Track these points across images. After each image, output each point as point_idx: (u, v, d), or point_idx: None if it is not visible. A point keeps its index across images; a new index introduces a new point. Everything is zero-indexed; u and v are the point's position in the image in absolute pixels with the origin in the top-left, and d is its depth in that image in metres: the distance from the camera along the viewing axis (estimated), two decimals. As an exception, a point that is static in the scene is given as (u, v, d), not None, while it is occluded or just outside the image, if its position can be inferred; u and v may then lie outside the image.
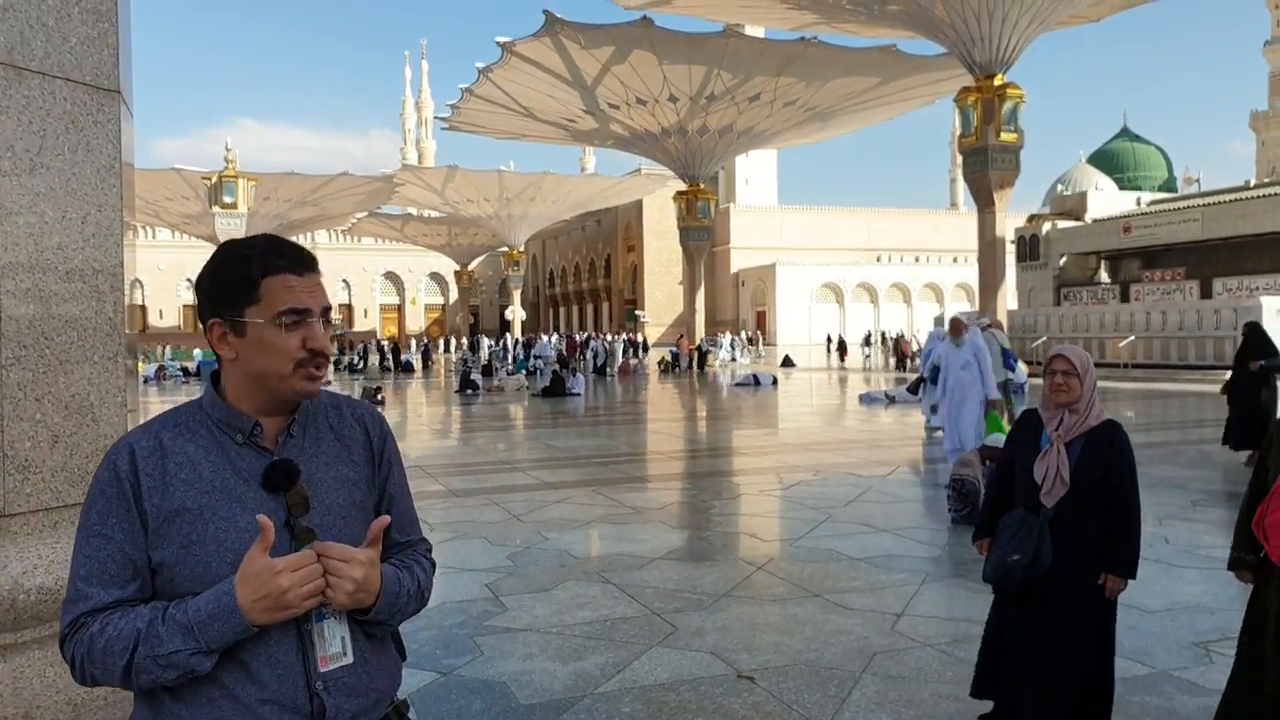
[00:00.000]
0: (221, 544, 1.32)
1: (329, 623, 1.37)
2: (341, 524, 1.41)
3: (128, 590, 1.33)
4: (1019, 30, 26.15)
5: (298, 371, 1.37)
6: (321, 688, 1.35)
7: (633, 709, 3.73)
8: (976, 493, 7.08)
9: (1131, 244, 36.06)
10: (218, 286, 1.39)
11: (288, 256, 1.40)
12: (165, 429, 1.39)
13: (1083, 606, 3.16)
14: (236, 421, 1.39)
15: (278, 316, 1.36)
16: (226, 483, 1.35)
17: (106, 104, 2.62)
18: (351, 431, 1.50)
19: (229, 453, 1.37)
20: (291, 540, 1.35)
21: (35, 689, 2.37)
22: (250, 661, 1.32)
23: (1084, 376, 3.17)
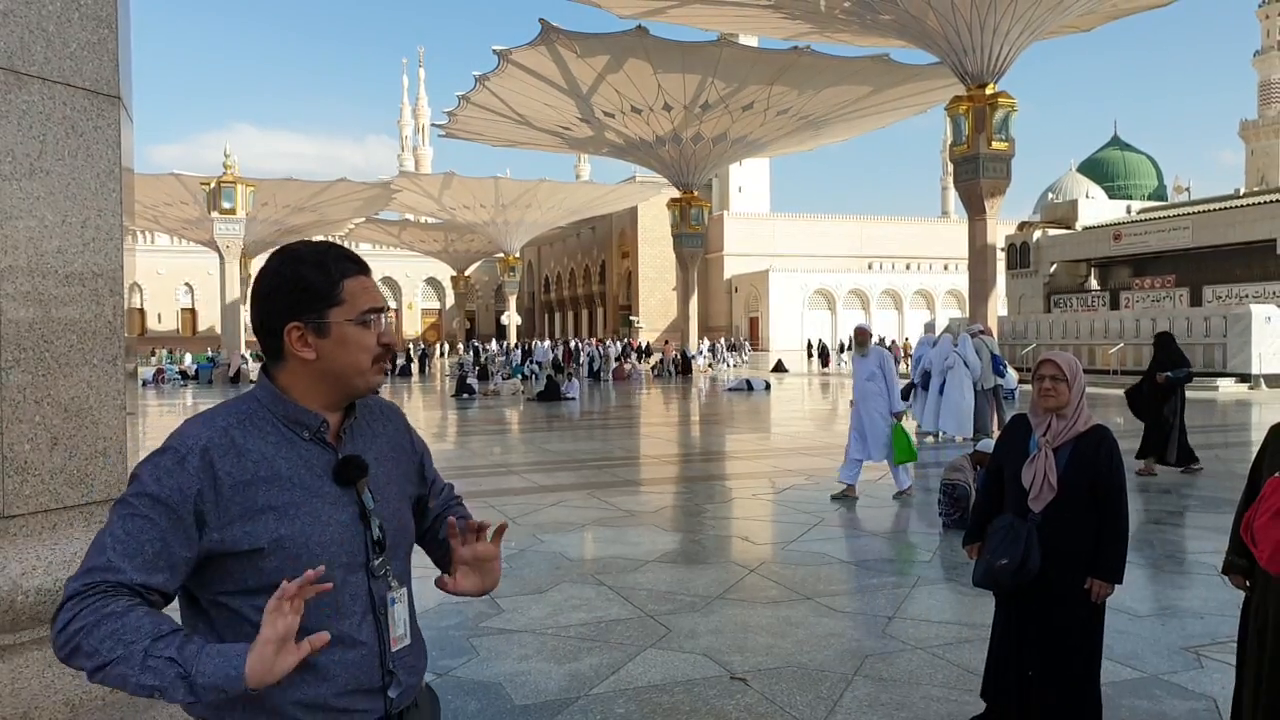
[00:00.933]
0: (310, 537, 1.37)
1: (397, 607, 1.46)
2: (395, 513, 1.50)
3: (155, 578, 1.30)
4: (1010, 40, 26.31)
5: (374, 366, 1.46)
6: (393, 665, 1.45)
7: (626, 710, 3.75)
8: (967, 497, 7.12)
9: (1121, 251, 36.26)
10: (301, 291, 1.42)
11: (355, 261, 1.49)
12: (232, 425, 1.40)
13: (1071, 611, 3.19)
14: (304, 419, 1.43)
15: (363, 314, 1.44)
16: (304, 478, 1.40)
17: (106, 109, 2.64)
18: (384, 427, 1.59)
19: (298, 449, 1.42)
20: (366, 529, 1.43)
21: (33, 690, 2.38)
22: (336, 645, 1.36)
23: (1072, 382, 3.21)
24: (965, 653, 4.37)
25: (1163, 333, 10.51)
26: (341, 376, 1.45)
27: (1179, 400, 9.93)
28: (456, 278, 69.37)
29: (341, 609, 1.40)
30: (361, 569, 1.42)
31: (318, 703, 1.37)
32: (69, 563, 2.42)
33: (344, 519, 1.41)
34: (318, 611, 1.35)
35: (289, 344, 1.42)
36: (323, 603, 1.35)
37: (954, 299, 65.02)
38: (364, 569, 1.42)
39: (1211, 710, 3.73)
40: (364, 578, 1.42)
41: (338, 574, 1.38)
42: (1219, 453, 12.01)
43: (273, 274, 1.45)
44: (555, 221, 62.31)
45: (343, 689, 1.39)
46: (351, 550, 1.41)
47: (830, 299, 66.41)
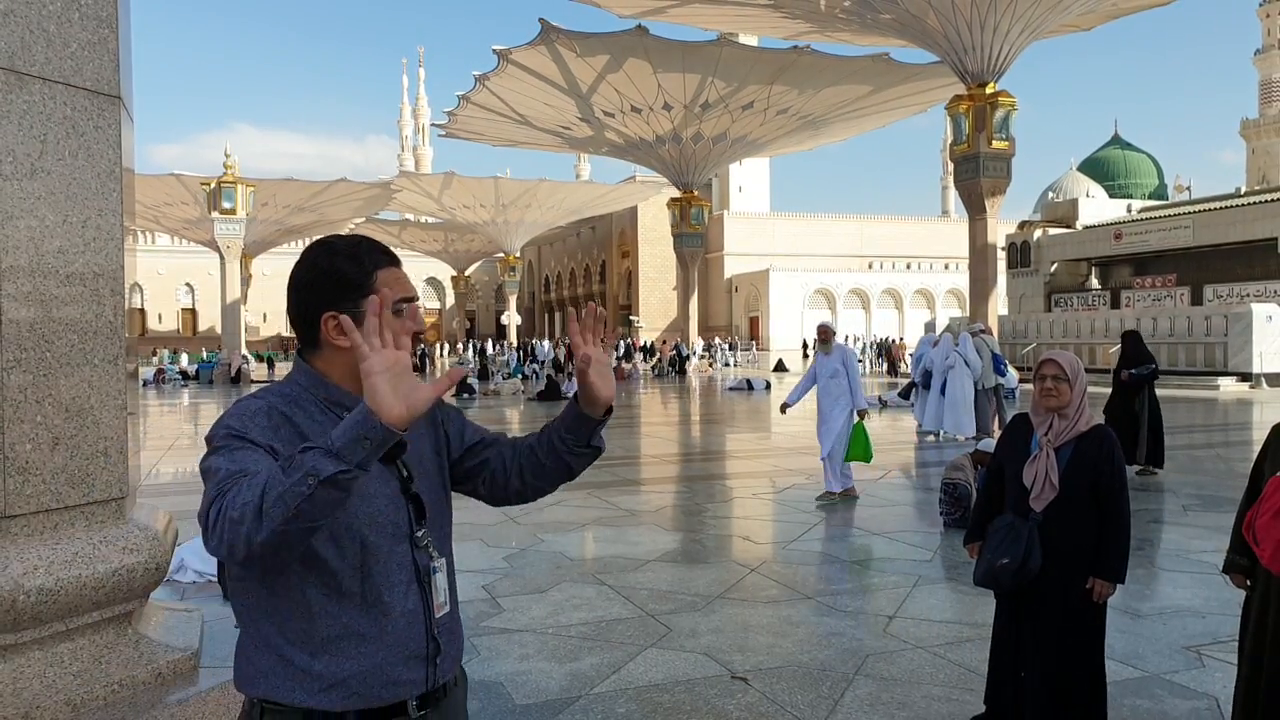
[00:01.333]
0: (359, 509, 1.43)
1: (439, 576, 1.54)
2: (430, 488, 1.58)
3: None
4: (1010, 39, 26.30)
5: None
6: (438, 633, 1.53)
7: (628, 710, 3.75)
8: (968, 496, 7.12)
9: (1122, 251, 36.24)
10: (336, 282, 1.50)
11: (389, 255, 1.56)
12: (281, 403, 1.48)
13: (1072, 610, 3.19)
14: (345, 400, 1.50)
15: (395, 304, 1.47)
16: None
17: (107, 109, 2.64)
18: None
19: None
20: (408, 505, 1.51)
21: (35, 689, 2.38)
22: (388, 611, 1.45)
23: (1074, 382, 3.20)
24: (966, 652, 4.37)
25: (1129, 331, 10.42)
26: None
27: (1147, 398, 9.78)
28: (456, 278, 69.34)
29: (391, 578, 1.47)
30: (405, 540, 1.49)
31: (370, 673, 1.43)
32: (70, 562, 2.42)
33: (387, 492, 1.48)
34: (373, 580, 1.45)
35: (325, 332, 1.50)
36: (375, 571, 1.45)
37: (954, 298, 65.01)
38: (408, 540, 1.50)
39: (1213, 709, 3.73)
40: (408, 548, 1.50)
41: (386, 545, 1.46)
42: (1220, 451, 12.02)
43: (309, 265, 1.52)
44: (555, 221, 62.29)
45: (393, 656, 1.45)
46: (396, 522, 1.49)
47: (831, 298, 66.41)
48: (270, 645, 1.44)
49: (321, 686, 1.42)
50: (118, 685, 2.52)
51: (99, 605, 2.48)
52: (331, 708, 1.42)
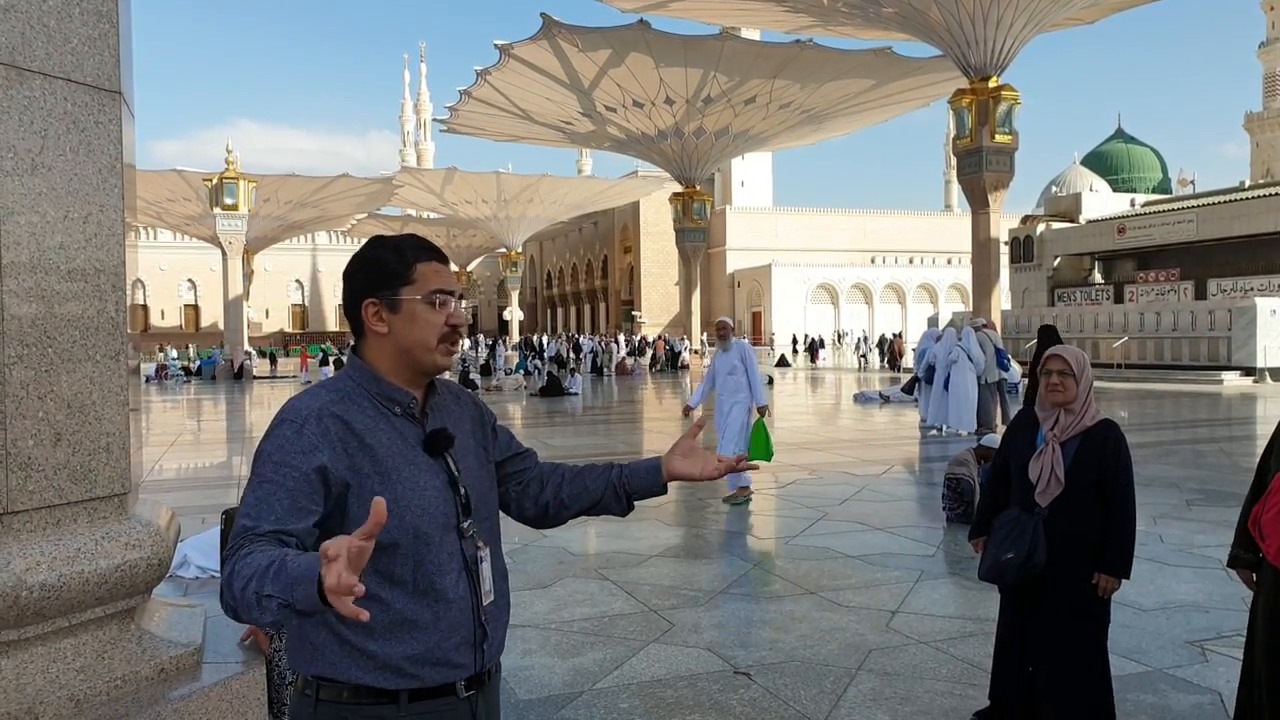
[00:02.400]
0: (411, 500, 1.51)
1: (484, 565, 1.60)
2: (477, 481, 1.65)
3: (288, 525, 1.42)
4: (1013, 32, 26.22)
5: (440, 345, 1.58)
6: (485, 619, 1.59)
7: (630, 705, 3.75)
8: (971, 491, 7.11)
9: (1126, 245, 36.16)
10: (377, 271, 1.58)
11: (433, 250, 1.63)
12: (335, 400, 1.54)
13: (1076, 605, 3.18)
14: (396, 395, 1.57)
15: (430, 295, 1.56)
16: (400, 448, 1.54)
17: (107, 105, 2.63)
18: (458, 407, 1.72)
19: (393, 422, 1.56)
20: (455, 497, 1.57)
21: (38, 685, 2.39)
22: (440, 598, 1.52)
23: (1079, 376, 3.19)
24: (970, 647, 4.36)
25: (1045, 325, 10.19)
26: (411, 352, 1.57)
27: None
28: (458, 273, 69.35)
29: (443, 566, 1.53)
30: (454, 530, 1.56)
31: (424, 656, 1.49)
32: (73, 558, 2.42)
33: (436, 484, 1.55)
34: (425, 569, 1.51)
35: (366, 319, 1.57)
36: (427, 560, 1.51)
37: (957, 293, 64.93)
38: (456, 530, 1.56)
39: (1216, 704, 3.72)
40: (456, 538, 1.56)
41: (437, 534, 1.53)
42: (1223, 446, 12.00)
43: (358, 257, 1.62)
44: (557, 216, 62.28)
45: (445, 641, 1.51)
46: (446, 513, 1.55)
47: (833, 293, 66.35)
48: (327, 624, 1.49)
49: (376, 666, 1.48)
50: (121, 681, 2.53)
51: (102, 601, 2.48)
52: (386, 686, 1.49)
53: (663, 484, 1.78)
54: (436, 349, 1.57)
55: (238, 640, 2.92)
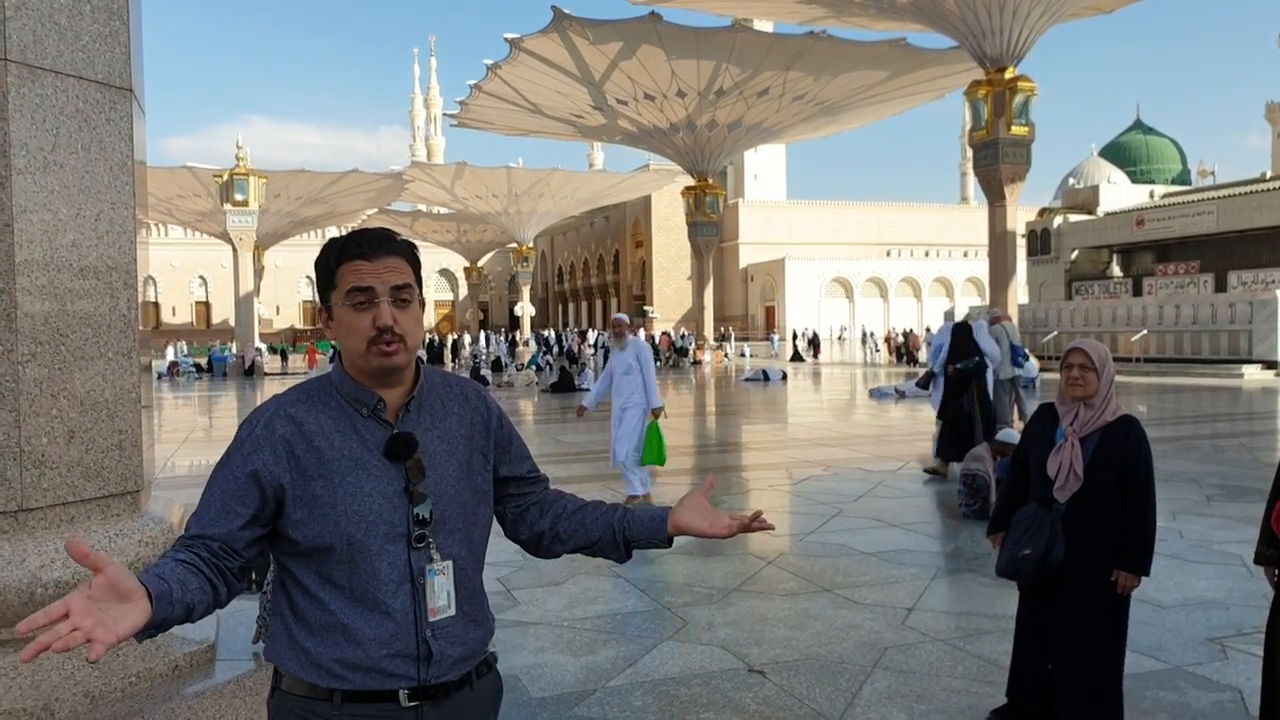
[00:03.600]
0: (349, 506, 1.47)
1: (438, 579, 1.52)
2: (452, 491, 1.56)
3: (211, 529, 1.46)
4: (1030, 22, 25.95)
5: (371, 349, 1.49)
6: (430, 635, 1.50)
7: (644, 702, 3.74)
8: (988, 487, 7.06)
9: (1144, 237, 35.81)
10: (318, 276, 1.56)
11: (360, 243, 1.52)
12: (298, 401, 1.54)
13: (1095, 602, 3.14)
14: (363, 397, 1.52)
15: (346, 298, 1.50)
16: (354, 451, 1.50)
17: (119, 102, 2.63)
18: (459, 408, 1.64)
19: (355, 424, 1.52)
20: (410, 504, 1.50)
21: (54, 682, 2.39)
22: (374, 609, 1.47)
23: (1101, 371, 3.15)
24: (986, 644, 4.32)
25: (959, 322, 10.00)
26: (350, 357, 1.53)
27: (976, 395, 9.20)
28: (469, 269, 69.47)
29: (379, 576, 1.47)
30: (402, 540, 1.49)
31: (355, 662, 1.46)
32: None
33: (387, 491, 1.49)
34: (358, 577, 1.47)
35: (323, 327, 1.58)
36: (362, 568, 1.47)
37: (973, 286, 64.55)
38: (405, 540, 1.49)
39: (1237, 702, 3.68)
40: (404, 548, 1.49)
41: (375, 543, 1.47)
42: (1244, 441, 11.87)
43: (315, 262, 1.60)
44: (568, 211, 62.22)
45: (378, 652, 1.47)
46: (391, 521, 1.48)
47: (848, 287, 66.08)
48: (282, 615, 1.53)
49: (311, 662, 1.47)
50: (135, 677, 2.53)
51: (115, 599, 2.48)
52: (319, 683, 1.47)
53: (666, 537, 1.68)
54: (369, 353, 1.49)
55: (251, 639, 2.92)
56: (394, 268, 1.52)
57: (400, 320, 1.50)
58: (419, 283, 1.57)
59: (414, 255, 1.58)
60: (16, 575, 2.35)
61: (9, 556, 2.36)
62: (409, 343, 1.52)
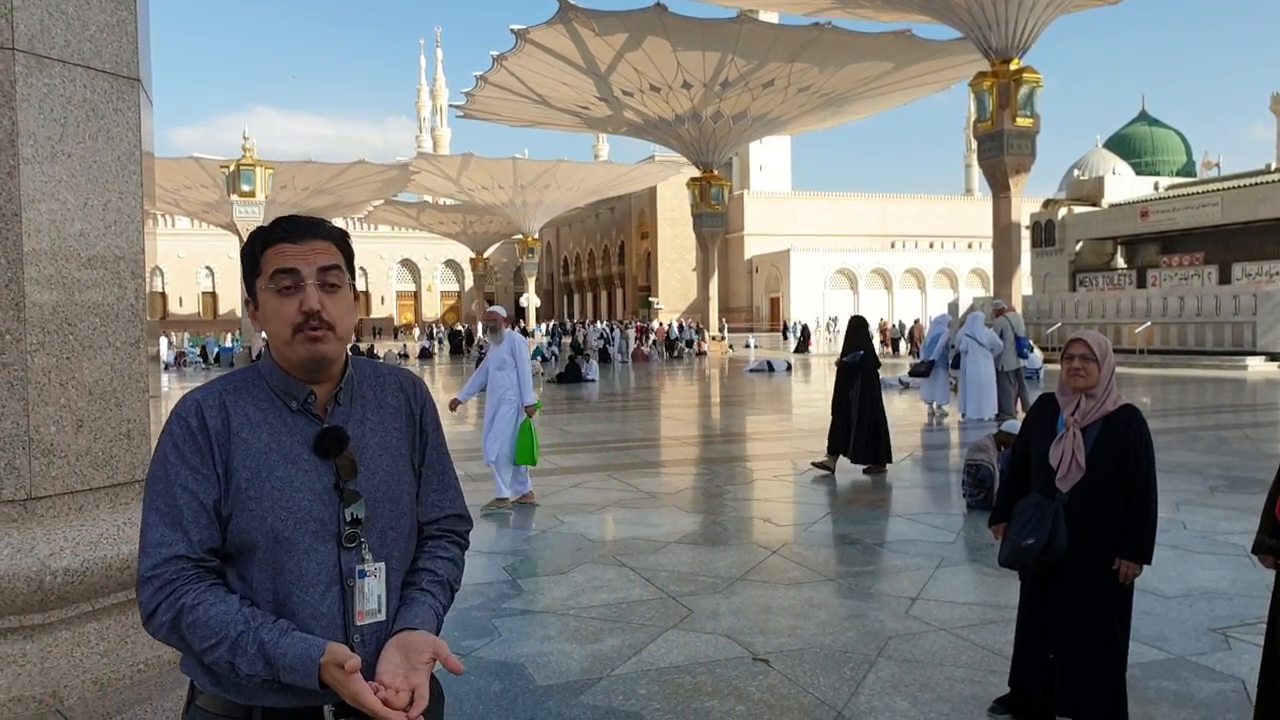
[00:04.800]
0: (276, 501, 1.39)
1: (369, 581, 1.44)
2: (385, 487, 1.48)
3: (202, 535, 1.38)
4: (1035, 14, 25.81)
5: (296, 336, 1.41)
6: (359, 640, 1.42)
7: (649, 691, 3.76)
8: (991, 478, 7.06)
9: (1149, 229, 35.66)
10: (241, 267, 1.51)
11: (285, 227, 1.45)
12: (227, 390, 1.45)
13: (1097, 591, 3.15)
14: (293, 389, 1.45)
15: (269, 281, 1.42)
16: (283, 444, 1.42)
17: (126, 92, 2.64)
18: (394, 399, 1.56)
19: (284, 418, 1.44)
20: (340, 501, 1.43)
21: (63, 669, 2.41)
22: (297, 612, 1.39)
23: (1102, 361, 3.16)
24: (990, 634, 4.34)
25: (854, 316, 9.83)
26: (277, 347, 1.45)
27: (863, 389, 8.92)
28: (475, 260, 69.48)
29: (306, 577, 1.40)
30: (332, 539, 1.41)
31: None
32: (95, 544, 2.44)
33: (317, 488, 1.41)
34: (282, 578, 1.39)
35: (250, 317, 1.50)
36: (288, 569, 1.39)
37: (978, 278, 64.34)
38: (335, 540, 1.41)
39: (1239, 692, 3.69)
40: (333, 548, 1.41)
41: (304, 541, 1.39)
42: (1248, 432, 11.85)
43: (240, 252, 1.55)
44: (574, 202, 62.14)
45: None
46: (321, 519, 1.40)
47: (852, 279, 65.91)
48: None
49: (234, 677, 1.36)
50: (144, 665, 2.55)
51: (124, 586, 2.50)
52: (236, 699, 1.38)
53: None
54: (294, 341, 1.41)
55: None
56: (321, 250, 1.44)
57: (329, 306, 1.42)
58: (351, 271, 1.49)
59: (345, 241, 1.49)
60: (26, 563, 2.36)
61: (18, 545, 2.38)
62: (339, 330, 1.43)
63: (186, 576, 1.36)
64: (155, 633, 1.37)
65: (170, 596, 1.34)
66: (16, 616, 2.37)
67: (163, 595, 1.35)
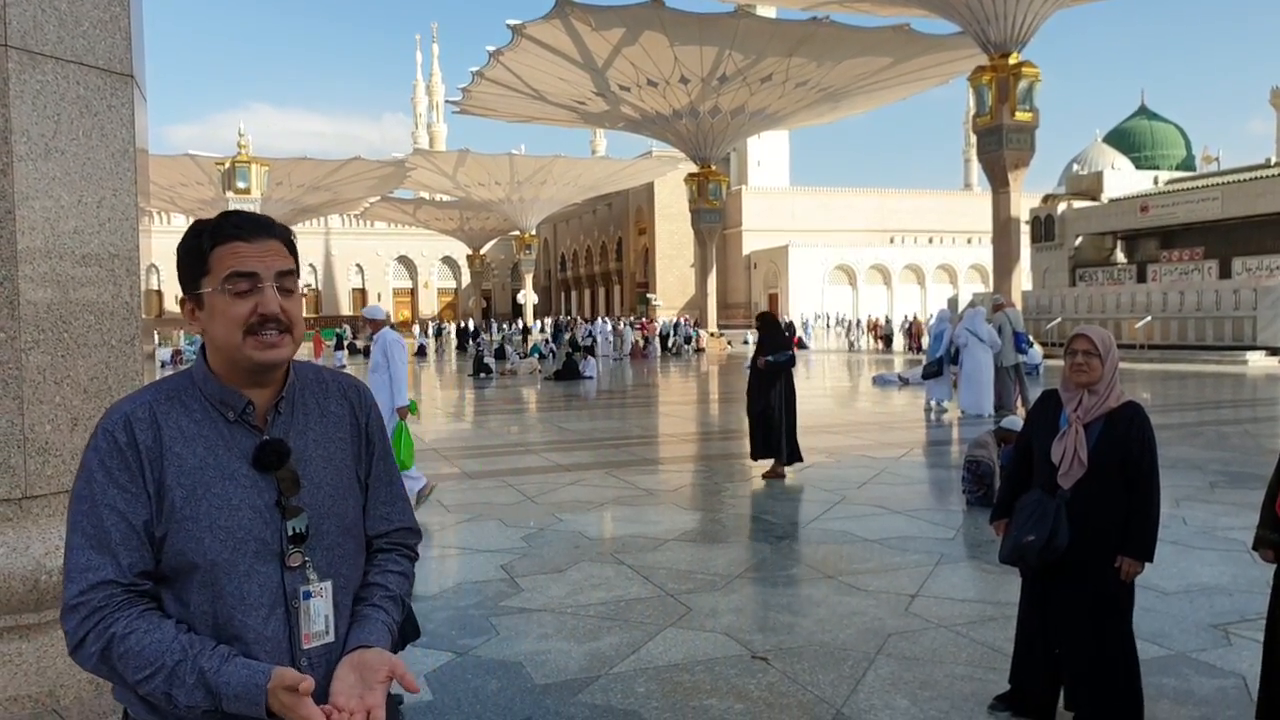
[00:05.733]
0: (215, 520, 1.32)
1: (314, 601, 1.38)
2: (330, 502, 1.42)
3: (132, 558, 1.30)
4: (1034, 8, 25.77)
5: (248, 340, 1.35)
6: (306, 664, 1.36)
7: (647, 689, 3.75)
8: (991, 474, 7.06)
9: (1149, 224, 35.66)
10: (180, 264, 1.39)
11: (237, 224, 1.37)
12: (158, 400, 1.37)
13: (1099, 588, 3.15)
14: (229, 399, 1.37)
15: (223, 283, 1.34)
16: (220, 459, 1.34)
17: (120, 88, 2.62)
18: (338, 407, 1.49)
19: (221, 429, 1.36)
20: (282, 518, 1.36)
21: (59, 668, 2.40)
22: (240, 636, 1.33)
23: (1105, 357, 3.14)
24: (990, 631, 4.33)
25: (763, 313, 9.59)
26: (224, 350, 1.37)
27: (784, 390, 8.75)
28: (472, 256, 69.42)
29: (248, 600, 1.33)
30: (275, 559, 1.35)
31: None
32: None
33: (258, 505, 1.35)
34: (223, 601, 1.32)
35: (186, 319, 1.40)
36: (228, 591, 1.32)
37: (977, 273, 64.37)
38: (278, 559, 1.35)
39: (1240, 688, 3.68)
40: (276, 568, 1.35)
41: (244, 562, 1.33)
42: (1248, 428, 11.85)
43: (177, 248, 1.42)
44: (571, 198, 62.10)
45: None
46: (262, 539, 1.34)
47: (851, 274, 65.90)
48: None
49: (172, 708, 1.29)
50: (141, 665, 2.54)
51: (121, 586, 2.48)
52: None
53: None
54: (245, 344, 1.34)
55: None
56: (277, 251, 1.38)
57: (287, 308, 1.37)
58: (298, 272, 1.43)
59: (293, 242, 1.43)
60: (21, 562, 2.35)
61: (13, 544, 2.37)
62: (295, 334, 1.38)
63: (116, 603, 1.28)
64: (84, 663, 1.29)
65: (99, 625, 1.27)
66: (12, 616, 2.35)
67: (90, 623, 1.27)
